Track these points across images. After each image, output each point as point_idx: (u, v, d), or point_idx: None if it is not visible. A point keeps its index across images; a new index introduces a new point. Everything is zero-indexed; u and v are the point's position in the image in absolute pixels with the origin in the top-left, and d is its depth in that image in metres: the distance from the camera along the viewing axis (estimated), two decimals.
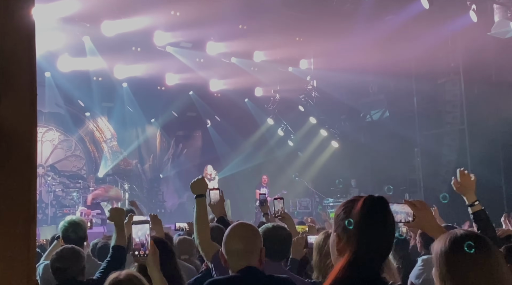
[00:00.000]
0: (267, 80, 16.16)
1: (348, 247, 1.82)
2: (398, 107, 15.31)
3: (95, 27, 12.29)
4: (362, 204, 1.83)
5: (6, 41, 1.19)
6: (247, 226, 2.86)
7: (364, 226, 1.81)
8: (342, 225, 1.87)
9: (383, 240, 1.84)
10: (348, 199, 1.93)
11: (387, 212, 1.87)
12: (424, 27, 12.73)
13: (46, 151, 14.94)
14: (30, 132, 1.17)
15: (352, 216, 1.84)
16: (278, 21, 12.82)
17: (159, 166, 17.24)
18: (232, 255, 2.66)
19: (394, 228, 1.89)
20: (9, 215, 1.14)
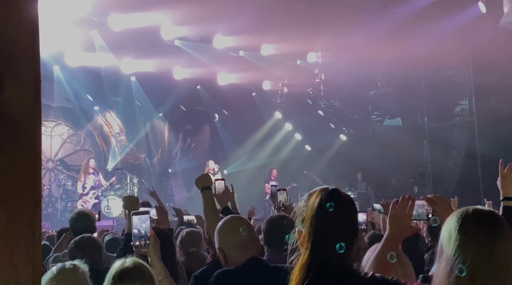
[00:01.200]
0: (275, 74, 16.13)
1: (306, 241, 1.83)
2: (406, 99, 15.23)
3: (103, 22, 12.33)
4: (316, 196, 1.85)
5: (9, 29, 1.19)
6: (240, 218, 2.90)
7: (317, 217, 1.82)
8: (300, 220, 1.88)
9: (338, 230, 1.83)
10: (309, 192, 1.94)
11: (340, 202, 1.86)
12: (433, 18, 12.65)
13: (55, 145, 15.02)
14: (35, 117, 1.18)
15: (308, 208, 1.85)
16: (286, 14, 12.78)
17: (168, 160, 17.29)
18: (239, 247, 2.65)
19: (351, 217, 1.89)
20: (14, 200, 1.14)
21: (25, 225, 1.15)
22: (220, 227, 2.76)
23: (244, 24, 13.14)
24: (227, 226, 2.75)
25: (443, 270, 1.69)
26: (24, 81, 1.16)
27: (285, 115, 17.04)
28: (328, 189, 1.90)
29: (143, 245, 2.65)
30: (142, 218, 2.71)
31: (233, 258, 2.65)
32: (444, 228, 1.78)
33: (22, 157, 1.13)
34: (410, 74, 14.59)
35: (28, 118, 1.14)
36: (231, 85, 16.02)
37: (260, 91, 16.91)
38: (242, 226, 2.72)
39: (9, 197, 1.11)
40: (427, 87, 14.86)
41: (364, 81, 15.58)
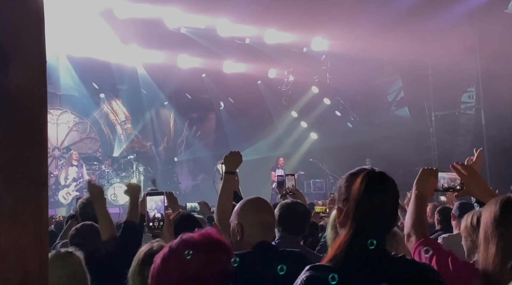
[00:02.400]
0: (281, 62, 16.07)
1: (347, 220, 1.84)
2: (413, 87, 15.15)
3: (109, 10, 12.31)
4: (362, 178, 1.85)
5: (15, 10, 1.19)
6: (266, 201, 2.85)
7: (362, 200, 1.83)
8: (342, 198, 1.89)
9: (382, 214, 1.86)
10: (351, 172, 1.94)
11: (386, 186, 1.89)
12: (440, 5, 12.54)
13: (62, 133, 15.08)
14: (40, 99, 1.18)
15: (352, 189, 1.86)
16: (292, 1, 12.70)
17: (173, 148, 17.33)
18: (260, 229, 2.63)
19: (394, 202, 1.92)
20: (20, 181, 1.15)
21: (32, 206, 1.15)
22: (245, 203, 2.74)
23: (250, 11, 13.07)
24: (253, 204, 2.72)
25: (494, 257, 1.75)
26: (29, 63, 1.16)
27: (290, 103, 17.00)
28: (375, 171, 1.91)
29: (157, 226, 2.66)
30: (156, 199, 2.72)
31: (249, 237, 2.63)
32: (486, 215, 1.84)
33: (28, 138, 1.13)
34: (417, 61, 14.50)
35: (34, 100, 1.14)
36: (237, 73, 15.99)
37: (266, 79, 16.87)
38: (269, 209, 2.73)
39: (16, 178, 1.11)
40: (434, 75, 14.77)
41: (370, 68, 15.50)
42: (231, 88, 16.41)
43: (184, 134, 17.62)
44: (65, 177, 13.21)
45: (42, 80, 1.17)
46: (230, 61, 15.86)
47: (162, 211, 2.68)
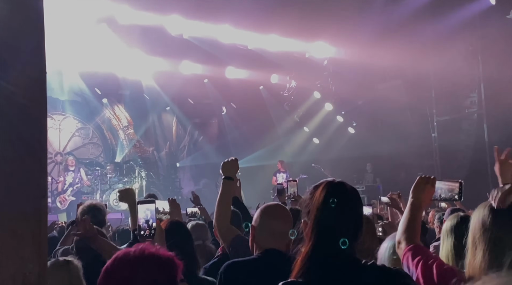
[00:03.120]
0: (283, 67, 16.09)
1: (311, 232, 1.85)
2: (415, 92, 15.14)
3: (112, 16, 12.33)
4: (321, 189, 1.87)
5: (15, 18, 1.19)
6: (285, 209, 2.87)
7: (321, 210, 1.85)
8: (306, 211, 1.90)
9: (343, 222, 1.86)
10: (314, 184, 1.96)
11: (345, 194, 1.89)
12: (442, 10, 12.56)
13: (64, 138, 15.09)
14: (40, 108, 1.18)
15: (313, 201, 1.87)
16: (295, 7, 12.72)
17: (176, 153, 17.33)
18: (268, 235, 2.64)
19: (356, 211, 1.93)
20: (20, 193, 1.15)
21: (31, 217, 1.16)
22: (263, 207, 2.77)
23: (252, 17, 13.10)
24: (268, 210, 2.74)
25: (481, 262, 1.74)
26: (29, 72, 1.16)
27: (292, 108, 17.01)
28: (334, 181, 1.91)
29: (148, 234, 2.65)
30: (147, 207, 2.71)
31: (259, 241, 2.66)
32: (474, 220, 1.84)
33: (27, 149, 1.14)
34: (419, 66, 14.50)
35: (34, 109, 1.15)
36: (239, 78, 16.00)
37: (268, 84, 16.88)
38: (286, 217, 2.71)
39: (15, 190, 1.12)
40: (436, 80, 14.77)
41: (372, 74, 15.50)
42: (233, 94, 16.43)
43: (186, 139, 17.62)
44: (62, 183, 13.25)
45: (41, 90, 1.18)
46: (232, 67, 15.88)
47: (154, 219, 2.68)
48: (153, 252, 1.61)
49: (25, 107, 1.17)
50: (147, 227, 2.65)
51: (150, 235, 2.64)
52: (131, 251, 1.55)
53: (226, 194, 3.37)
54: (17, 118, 1.15)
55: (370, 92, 16.09)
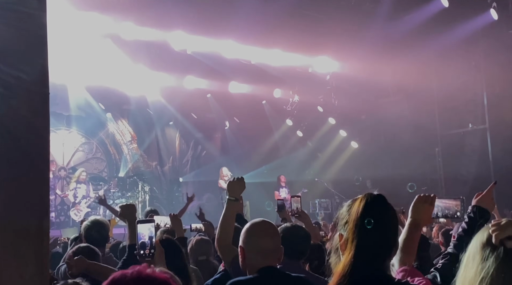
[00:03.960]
0: (286, 82, 16.15)
1: (349, 245, 1.83)
2: (419, 107, 15.16)
3: (116, 31, 12.42)
4: (360, 201, 1.85)
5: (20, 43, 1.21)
6: (271, 224, 2.82)
7: (362, 224, 1.82)
8: (343, 224, 1.89)
9: (382, 237, 1.86)
10: (354, 198, 1.95)
11: (385, 209, 1.89)
12: (444, 25, 12.60)
13: (68, 153, 15.12)
14: (43, 130, 1.19)
15: (351, 213, 1.85)
16: (297, 22, 12.79)
17: (179, 167, 17.33)
18: (258, 254, 2.62)
19: (393, 225, 1.91)
20: (22, 212, 1.16)
21: (33, 236, 1.16)
22: (248, 226, 2.73)
23: (255, 32, 13.17)
24: (254, 228, 2.71)
25: None
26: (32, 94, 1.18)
27: (296, 122, 17.04)
28: (373, 194, 1.90)
29: (147, 254, 2.64)
30: (147, 226, 2.71)
31: (251, 261, 2.63)
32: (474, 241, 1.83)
33: (30, 169, 1.15)
34: (422, 81, 14.53)
35: (36, 131, 1.16)
36: (243, 93, 16.06)
37: (271, 99, 16.92)
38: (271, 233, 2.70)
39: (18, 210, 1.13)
40: (439, 94, 14.79)
41: (375, 88, 15.54)
42: (236, 108, 16.47)
43: (189, 154, 17.64)
44: (73, 195, 13.29)
45: (44, 111, 1.19)
46: (236, 82, 15.94)
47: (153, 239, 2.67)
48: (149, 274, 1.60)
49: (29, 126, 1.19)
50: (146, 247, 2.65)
51: (149, 255, 2.63)
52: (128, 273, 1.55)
53: (230, 214, 3.31)
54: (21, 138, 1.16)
55: (373, 107, 16.13)
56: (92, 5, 11.09)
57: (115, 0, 11.03)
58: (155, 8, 11.73)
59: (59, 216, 13.80)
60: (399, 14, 12.60)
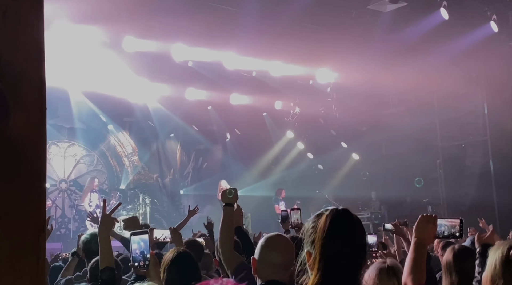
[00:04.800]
0: (287, 93, 16.18)
1: (315, 263, 1.81)
2: (420, 118, 15.17)
3: (116, 44, 12.48)
4: (325, 218, 1.82)
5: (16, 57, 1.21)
6: (286, 239, 2.84)
7: (327, 240, 1.80)
8: (309, 241, 1.85)
9: (352, 253, 1.82)
10: (316, 214, 1.92)
11: (351, 223, 1.85)
12: (444, 37, 12.65)
13: (69, 166, 15.12)
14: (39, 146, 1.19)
15: (317, 230, 1.82)
16: (297, 34, 12.84)
17: (180, 179, 17.31)
18: (268, 267, 2.63)
19: (361, 239, 1.88)
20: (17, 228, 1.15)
21: (29, 253, 1.15)
22: (266, 238, 2.75)
23: (256, 44, 13.22)
24: (267, 241, 2.72)
25: None
26: (29, 110, 1.18)
27: (297, 134, 17.05)
28: (338, 209, 1.88)
29: (142, 265, 2.63)
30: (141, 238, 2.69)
31: (260, 272, 2.64)
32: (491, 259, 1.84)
33: (26, 185, 1.15)
34: (423, 93, 14.55)
35: (33, 147, 1.16)
36: (243, 105, 16.08)
37: (272, 110, 16.95)
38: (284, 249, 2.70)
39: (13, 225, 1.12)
40: (440, 106, 14.81)
41: (376, 100, 15.56)
42: (237, 120, 16.49)
43: (190, 166, 17.62)
44: (88, 203, 13.30)
45: (41, 128, 1.19)
46: (237, 94, 15.97)
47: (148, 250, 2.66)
48: None
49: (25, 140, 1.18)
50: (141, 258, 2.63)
51: (144, 266, 2.61)
52: None
53: (228, 220, 3.48)
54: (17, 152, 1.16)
55: (374, 119, 16.13)
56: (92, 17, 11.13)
57: (115, 13, 11.07)
58: (156, 20, 11.78)
59: (59, 229, 13.78)
60: (399, 27, 12.65)
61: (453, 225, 2.65)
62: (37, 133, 1.18)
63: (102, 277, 3.11)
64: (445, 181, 14.69)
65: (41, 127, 1.19)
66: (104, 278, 3.09)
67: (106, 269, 3.10)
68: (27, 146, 1.16)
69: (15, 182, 1.14)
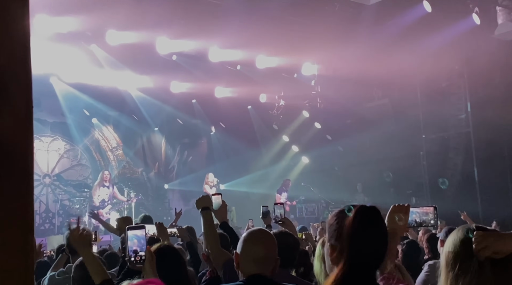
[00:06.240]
0: (271, 87, 16.18)
1: (341, 257, 1.84)
2: (403, 111, 15.27)
3: (100, 37, 12.38)
4: (355, 214, 1.86)
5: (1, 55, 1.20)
6: (268, 233, 2.86)
7: (356, 236, 1.84)
8: (335, 235, 1.89)
9: (376, 249, 1.87)
10: (340, 209, 1.96)
11: (379, 221, 1.90)
12: (427, 30, 12.71)
13: (52, 160, 14.99)
14: (27, 145, 1.18)
15: (345, 226, 1.86)
16: (282, 27, 12.83)
17: (165, 173, 17.26)
18: (251, 261, 2.62)
19: (386, 237, 1.92)
20: (6, 227, 1.14)
21: (17, 253, 1.15)
22: (246, 233, 2.77)
23: (241, 38, 13.18)
24: (250, 235, 2.73)
25: None
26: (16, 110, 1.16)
27: (281, 127, 17.07)
28: (367, 206, 1.92)
29: (138, 260, 2.62)
30: (137, 232, 2.69)
31: (244, 267, 2.64)
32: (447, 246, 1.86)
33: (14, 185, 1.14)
34: (406, 86, 14.64)
35: (20, 147, 1.15)
36: (228, 98, 16.05)
37: (257, 103, 16.95)
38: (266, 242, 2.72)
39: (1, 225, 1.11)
40: (423, 99, 14.91)
41: (360, 93, 15.62)
42: (222, 113, 16.46)
43: (175, 159, 17.58)
44: (97, 197, 13.21)
45: (28, 127, 1.18)
46: (221, 87, 15.94)
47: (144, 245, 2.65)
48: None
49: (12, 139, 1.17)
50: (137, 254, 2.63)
51: (140, 261, 2.61)
52: None
53: (209, 223, 3.70)
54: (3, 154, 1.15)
55: (358, 111, 16.22)
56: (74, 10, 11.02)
57: (98, 5, 10.96)
58: (140, 13, 11.69)
59: (43, 224, 13.68)
60: (383, 20, 12.69)
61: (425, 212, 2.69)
62: (24, 132, 1.17)
63: None
64: (429, 172, 14.82)
65: (28, 126, 1.18)
66: None
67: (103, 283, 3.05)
68: (14, 145, 1.15)
69: (2, 181, 1.13)
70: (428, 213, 2.68)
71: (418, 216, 2.68)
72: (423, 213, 2.69)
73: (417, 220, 2.68)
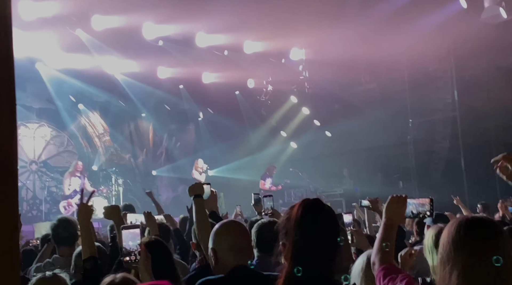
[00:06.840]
0: (259, 72, 16.11)
1: (290, 252, 1.83)
2: (390, 95, 15.31)
3: (85, 22, 12.24)
4: (297, 209, 1.85)
5: None
6: (240, 224, 2.88)
7: (300, 229, 1.82)
8: (283, 233, 1.88)
9: (322, 241, 1.85)
10: (291, 205, 1.96)
11: (323, 213, 1.87)
12: (415, 14, 12.70)
13: (39, 147, 14.87)
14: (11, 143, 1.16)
15: (290, 222, 1.85)
16: (269, 11, 12.75)
17: (153, 159, 17.21)
18: (230, 253, 2.62)
19: (334, 228, 1.90)
20: None
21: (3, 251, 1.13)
22: (217, 227, 2.76)
23: (227, 22, 13.09)
24: (224, 228, 2.73)
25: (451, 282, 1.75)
26: None
27: (269, 112, 17.05)
28: (310, 200, 1.89)
29: (133, 260, 2.62)
30: (131, 232, 2.68)
31: (223, 261, 2.63)
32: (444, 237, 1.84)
33: None
34: (393, 70, 14.67)
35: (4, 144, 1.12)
36: (216, 83, 15.98)
37: (245, 89, 16.89)
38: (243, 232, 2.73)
39: None
40: (410, 83, 14.96)
41: (348, 78, 15.63)
42: (210, 99, 16.39)
43: (163, 145, 17.51)
44: (68, 187, 12.94)
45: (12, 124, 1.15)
46: (208, 72, 15.85)
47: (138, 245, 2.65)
48: None
49: None
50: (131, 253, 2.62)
51: (135, 261, 2.60)
52: None
53: (201, 210, 3.62)
54: None
55: (346, 96, 16.24)
56: None
57: None
58: None
59: (31, 211, 13.60)
60: (370, 4, 12.67)
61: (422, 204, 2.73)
62: (7, 131, 1.14)
63: (85, 266, 3.08)
64: (416, 156, 14.91)
65: (11, 125, 1.15)
66: (88, 267, 3.06)
67: (89, 259, 3.08)
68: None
69: None
70: (424, 204, 2.73)
71: (414, 207, 2.73)
72: (419, 204, 2.74)
73: (414, 211, 2.72)
